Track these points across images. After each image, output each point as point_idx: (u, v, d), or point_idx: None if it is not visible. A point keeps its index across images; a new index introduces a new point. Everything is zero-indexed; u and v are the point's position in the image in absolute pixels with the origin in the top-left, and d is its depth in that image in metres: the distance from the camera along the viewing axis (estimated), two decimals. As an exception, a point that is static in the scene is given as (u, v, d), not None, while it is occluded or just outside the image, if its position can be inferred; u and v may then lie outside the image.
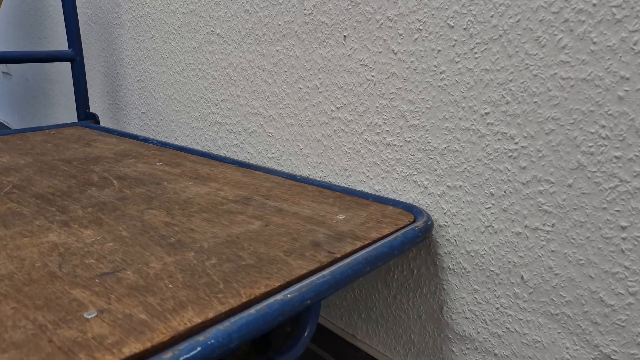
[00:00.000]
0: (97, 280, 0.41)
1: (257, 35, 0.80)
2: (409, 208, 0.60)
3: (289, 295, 0.38)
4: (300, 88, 0.75)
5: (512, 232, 0.54)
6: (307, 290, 0.40)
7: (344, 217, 0.57)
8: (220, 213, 0.57)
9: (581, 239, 0.48)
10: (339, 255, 0.47)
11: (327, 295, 0.42)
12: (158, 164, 0.80)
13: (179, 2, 0.97)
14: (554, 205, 0.50)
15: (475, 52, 0.53)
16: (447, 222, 0.60)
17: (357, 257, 0.46)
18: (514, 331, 0.56)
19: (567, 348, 0.52)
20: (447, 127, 0.57)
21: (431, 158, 0.59)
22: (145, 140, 0.99)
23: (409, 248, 0.52)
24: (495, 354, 0.59)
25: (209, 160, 0.84)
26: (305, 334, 0.47)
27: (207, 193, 0.65)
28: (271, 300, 0.38)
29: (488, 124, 0.53)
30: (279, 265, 0.44)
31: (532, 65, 0.48)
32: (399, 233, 0.52)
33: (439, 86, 0.57)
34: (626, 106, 0.43)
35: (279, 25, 0.76)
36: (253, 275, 0.42)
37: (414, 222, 0.57)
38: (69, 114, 1.68)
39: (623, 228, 0.45)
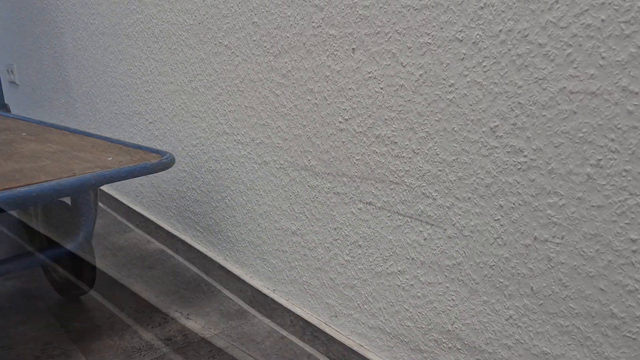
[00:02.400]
0: None
1: (265, 47, 0.81)
2: (162, 153, 0.82)
3: (17, 190, 0.62)
4: (308, 100, 0.75)
5: (522, 244, 0.54)
6: (28, 190, 0.62)
7: (112, 158, 0.77)
8: (32, 158, 0.78)
9: (591, 252, 0.49)
10: (78, 174, 0.68)
11: (46, 199, 0.64)
12: (23, 134, 1.01)
13: (187, 14, 0.98)
14: (564, 217, 0.50)
15: (484, 66, 0.53)
16: (456, 234, 0.60)
17: (86, 175, 0.69)
18: (523, 342, 0.56)
19: (577, 360, 0.52)
20: (455, 139, 0.57)
21: (440, 170, 0.60)
22: (31, 120, 1.20)
23: (138, 175, 0.74)
24: (505, 366, 0.59)
25: (66, 132, 1.03)
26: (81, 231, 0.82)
27: (39, 149, 0.85)
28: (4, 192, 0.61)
29: (497, 136, 0.54)
30: (32, 180, 0.65)
31: (541, 79, 0.49)
32: (134, 166, 0.73)
33: (448, 99, 0.57)
34: (636, 120, 0.43)
35: (287, 37, 0.76)
36: (8, 183, 0.64)
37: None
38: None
39: (633, 241, 0.46)
